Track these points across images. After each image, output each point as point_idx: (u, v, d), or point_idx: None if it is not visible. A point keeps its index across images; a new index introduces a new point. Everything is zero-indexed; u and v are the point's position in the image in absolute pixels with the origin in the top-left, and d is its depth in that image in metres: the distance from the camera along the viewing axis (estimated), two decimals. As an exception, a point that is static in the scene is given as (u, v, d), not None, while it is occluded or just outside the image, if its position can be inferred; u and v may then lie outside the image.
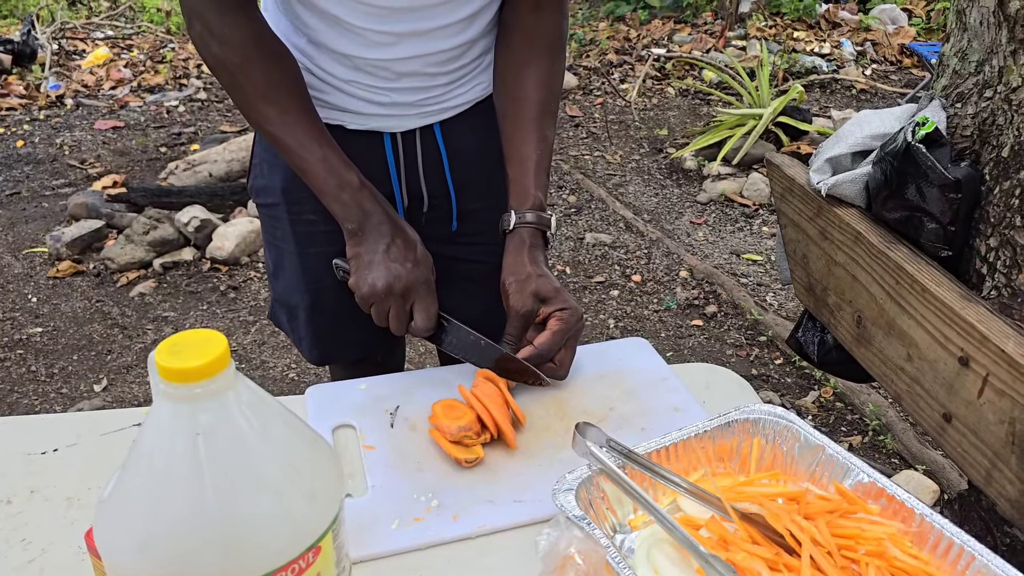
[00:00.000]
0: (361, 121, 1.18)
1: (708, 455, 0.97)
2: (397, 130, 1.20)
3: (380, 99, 1.16)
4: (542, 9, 1.16)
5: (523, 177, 1.16)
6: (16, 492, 0.97)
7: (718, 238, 3.76)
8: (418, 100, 1.18)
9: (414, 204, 1.28)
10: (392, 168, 1.22)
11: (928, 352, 1.00)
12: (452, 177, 1.26)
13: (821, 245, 1.21)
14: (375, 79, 1.15)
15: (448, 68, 1.17)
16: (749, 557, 0.81)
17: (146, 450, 0.60)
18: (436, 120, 1.21)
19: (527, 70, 1.18)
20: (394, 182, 1.23)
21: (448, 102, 1.20)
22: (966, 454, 0.96)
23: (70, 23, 7.40)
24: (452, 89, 1.20)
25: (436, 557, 0.89)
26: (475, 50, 1.19)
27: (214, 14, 1.04)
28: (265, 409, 0.63)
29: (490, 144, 1.23)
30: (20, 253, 3.60)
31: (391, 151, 1.21)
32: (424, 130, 1.21)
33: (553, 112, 1.21)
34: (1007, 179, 0.99)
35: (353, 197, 1.08)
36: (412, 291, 1.10)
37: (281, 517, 0.62)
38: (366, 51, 1.12)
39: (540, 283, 1.11)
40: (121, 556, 0.60)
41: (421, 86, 1.17)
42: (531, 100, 1.18)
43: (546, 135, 1.18)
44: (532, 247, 1.14)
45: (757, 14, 6.60)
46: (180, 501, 0.59)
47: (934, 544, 0.82)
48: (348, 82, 1.15)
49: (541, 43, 1.18)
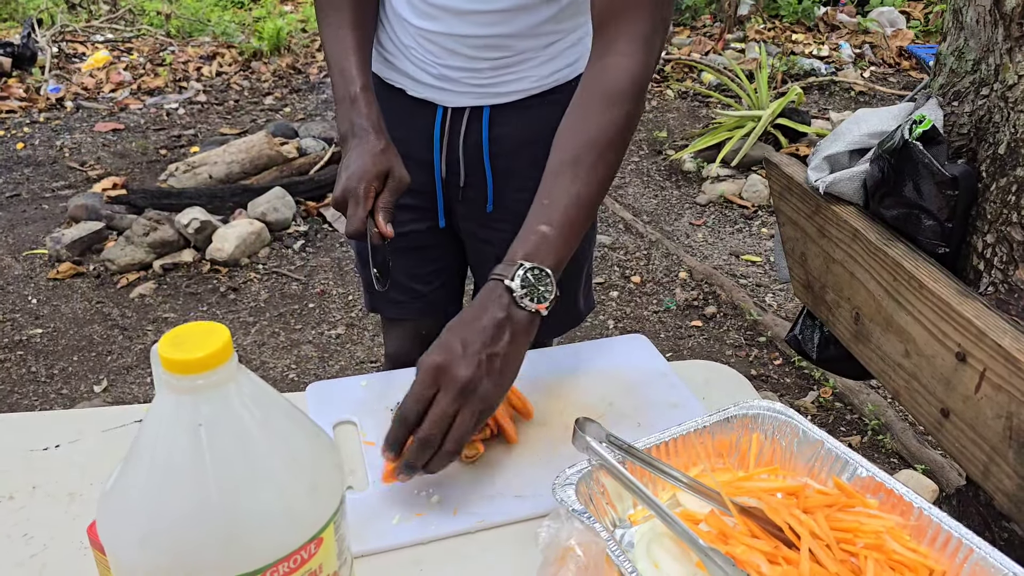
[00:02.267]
0: (417, 89, 1.28)
1: (707, 450, 0.98)
2: (448, 104, 1.27)
3: (431, 70, 1.25)
4: (613, 55, 1.04)
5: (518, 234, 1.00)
6: (18, 488, 0.97)
7: (717, 239, 3.77)
8: (462, 78, 1.24)
9: (451, 177, 1.34)
10: (436, 140, 1.30)
11: (925, 348, 1.01)
12: (490, 162, 1.30)
13: (819, 243, 1.22)
14: (425, 51, 1.23)
15: (489, 55, 1.22)
16: (748, 551, 0.81)
17: (148, 442, 0.61)
18: (486, 103, 1.26)
19: (566, 121, 1.05)
20: (436, 152, 1.31)
21: (495, 87, 1.25)
22: (964, 449, 0.96)
23: (70, 26, 7.41)
24: (498, 76, 1.24)
25: (437, 551, 0.89)
26: (520, 45, 1.22)
27: None
28: (267, 401, 0.63)
29: (533, 140, 1.19)
30: (20, 255, 3.60)
31: (440, 125, 1.29)
32: (474, 111, 1.27)
33: (585, 165, 1.01)
34: (1003, 176, 1.00)
35: (346, 110, 1.17)
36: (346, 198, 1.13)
37: (283, 508, 0.62)
38: (416, 19, 1.22)
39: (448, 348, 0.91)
40: (124, 547, 0.61)
41: (463, 66, 1.23)
42: (559, 148, 1.03)
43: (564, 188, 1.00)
44: (483, 302, 0.94)
45: (756, 17, 6.61)
46: (182, 492, 0.59)
47: (932, 537, 0.82)
48: (407, 47, 1.25)
49: (600, 88, 1.03)
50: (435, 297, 1.49)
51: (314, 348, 2.98)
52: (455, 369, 0.88)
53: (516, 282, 0.93)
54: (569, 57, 1.26)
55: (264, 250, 3.57)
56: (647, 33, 1.04)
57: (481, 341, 0.90)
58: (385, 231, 1.12)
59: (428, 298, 1.49)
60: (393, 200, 1.15)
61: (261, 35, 6.94)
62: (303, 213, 3.83)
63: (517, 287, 0.93)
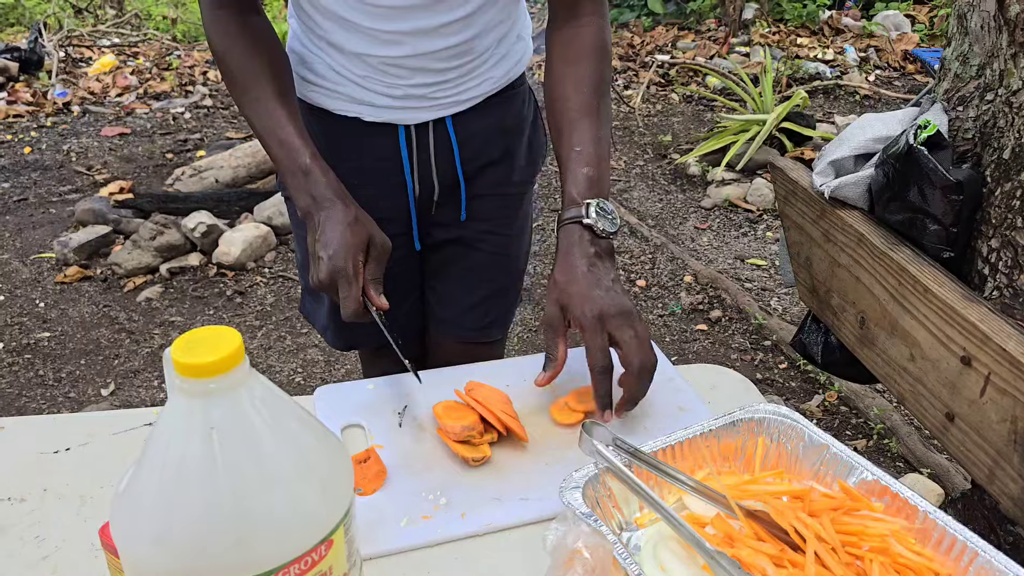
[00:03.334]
0: (376, 113, 1.24)
1: (713, 454, 0.98)
2: (411, 122, 1.25)
3: (393, 92, 1.21)
4: (575, 20, 1.18)
5: (564, 182, 1.14)
6: (30, 490, 0.98)
7: (722, 243, 3.77)
8: (429, 93, 1.22)
9: (425, 192, 1.32)
10: (405, 158, 1.27)
11: (931, 352, 1.01)
12: (462, 167, 1.30)
13: (824, 247, 1.22)
14: (388, 76, 1.20)
15: (455, 63, 1.21)
16: (754, 553, 0.82)
17: (161, 444, 0.61)
18: (448, 113, 1.25)
19: (566, 78, 1.18)
20: (407, 171, 1.28)
21: (459, 96, 1.24)
22: (969, 453, 0.97)
23: (76, 31, 7.44)
24: (462, 83, 1.24)
25: (444, 554, 0.90)
26: (481, 46, 1.23)
27: (205, 8, 1.15)
28: (277, 404, 0.64)
29: (499, 134, 1.27)
30: (28, 258, 3.62)
31: (404, 142, 1.26)
32: (437, 122, 1.26)
33: (594, 111, 1.16)
34: (1008, 181, 1.00)
35: (302, 179, 1.10)
36: (335, 280, 1.08)
37: (294, 510, 0.63)
38: (377, 49, 1.18)
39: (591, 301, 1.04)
40: (137, 548, 0.62)
41: (431, 81, 1.22)
42: (569, 103, 1.16)
43: (589, 130, 1.15)
44: (570, 247, 1.08)
45: (760, 21, 6.62)
46: (195, 494, 0.60)
47: (937, 541, 0.83)
48: (363, 77, 1.20)
49: (581, 50, 1.18)
50: (407, 318, 1.48)
51: (320, 352, 2.99)
52: (609, 309, 1.03)
53: (592, 218, 1.08)
54: (515, 55, 1.31)
55: (270, 254, 3.58)
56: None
57: (600, 277, 1.05)
58: (381, 304, 1.10)
59: (400, 321, 1.44)
60: (381, 270, 1.12)
61: (267, 39, 6.96)
62: (309, 217, 3.84)
63: (594, 221, 1.08)
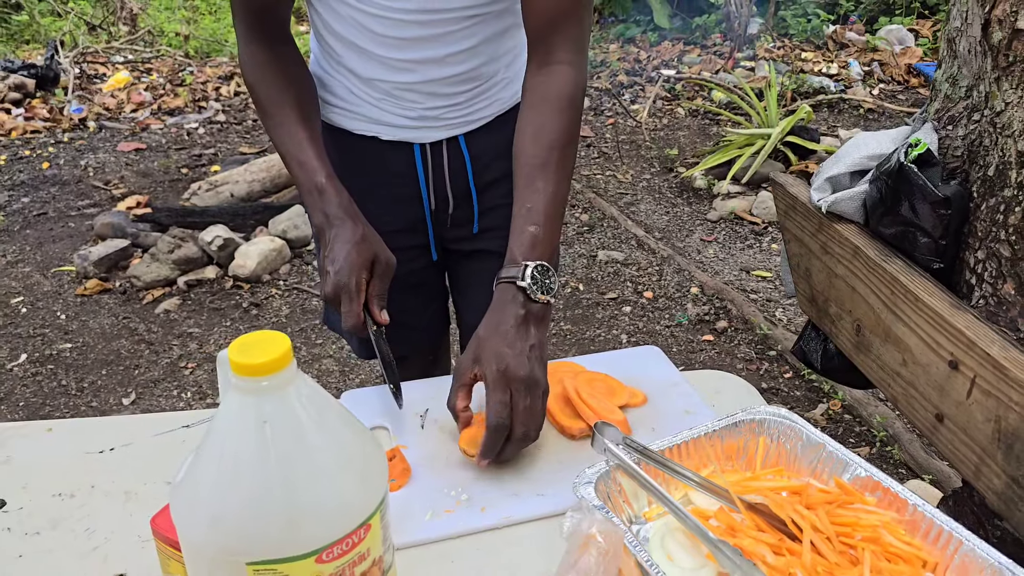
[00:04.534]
0: (393, 133, 1.31)
1: (717, 453, 1.04)
2: (426, 141, 1.32)
3: (408, 114, 1.29)
4: (547, 66, 1.18)
5: (510, 239, 1.13)
6: (78, 487, 1.05)
7: (728, 255, 3.84)
8: (441, 115, 1.30)
9: (440, 206, 1.39)
10: (421, 175, 1.35)
11: (921, 357, 1.07)
12: (475, 181, 1.37)
13: (822, 259, 1.29)
14: (404, 100, 1.28)
15: (464, 88, 1.29)
16: (755, 543, 0.88)
17: (218, 437, 0.68)
18: (461, 132, 1.33)
19: (527, 127, 1.17)
20: (423, 187, 1.36)
21: (470, 116, 1.32)
22: (957, 451, 1.03)
23: (91, 48, 7.56)
24: (472, 104, 1.31)
25: (466, 545, 0.96)
26: (488, 72, 1.30)
27: (241, 43, 1.25)
28: (321, 402, 0.71)
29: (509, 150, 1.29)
30: (48, 272, 3.71)
31: (420, 160, 1.34)
32: (450, 140, 1.33)
33: (550, 165, 1.14)
34: (992, 196, 1.07)
35: (317, 197, 1.19)
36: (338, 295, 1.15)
37: (336, 497, 0.69)
38: (390, 75, 1.26)
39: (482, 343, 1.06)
40: (195, 530, 0.68)
41: (442, 104, 1.29)
42: (522, 157, 1.16)
43: (542, 188, 1.13)
44: (500, 305, 1.08)
45: (765, 35, 6.70)
46: (248, 481, 0.67)
47: (926, 531, 0.89)
48: (379, 100, 1.28)
49: (548, 96, 1.17)
50: (430, 328, 1.56)
51: (335, 362, 3.06)
52: (516, 371, 1.02)
53: (527, 281, 1.07)
54: (518, 76, 1.35)
55: (285, 267, 3.66)
56: (581, 39, 1.18)
57: (519, 339, 1.04)
58: (381, 319, 1.17)
59: (424, 331, 1.55)
60: (385, 287, 1.19)
61: (279, 55, 7.07)
62: (322, 230, 3.92)
63: (528, 285, 1.07)
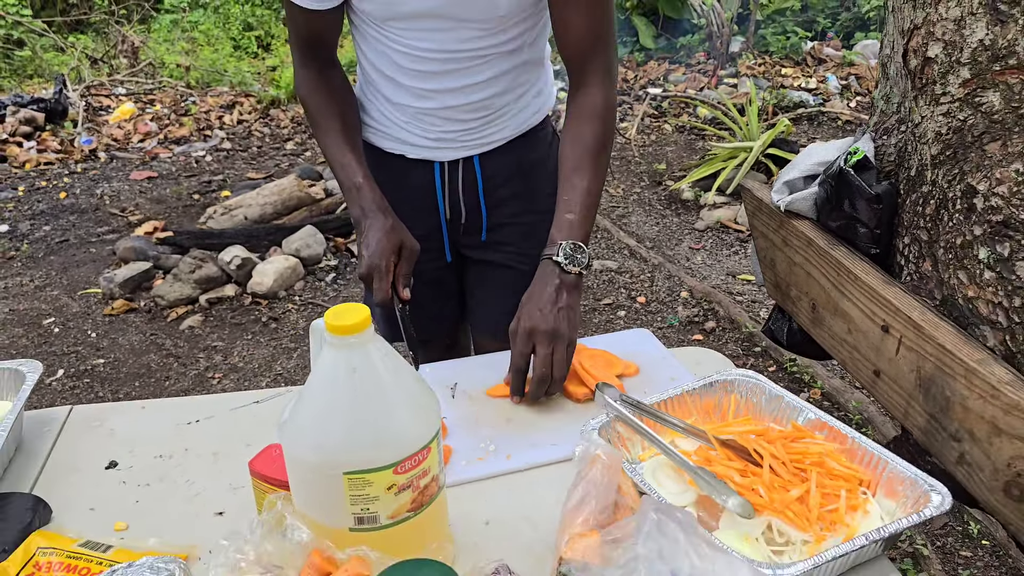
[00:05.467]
0: (416, 152, 1.56)
1: (697, 408, 1.28)
2: (444, 159, 1.57)
3: (429, 136, 1.53)
4: (582, 87, 1.44)
5: (552, 224, 1.40)
6: (174, 450, 1.28)
7: (715, 261, 4.09)
8: (457, 137, 1.54)
9: (454, 216, 1.63)
10: (439, 188, 1.59)
11: (861, 325, 1.31)
12: (485, 198, 1.61)
13: (784, 250, 1.53)
14: (424, 124, 1.52)
15: (478, 115, 1.52)
16: (726, 468, 1.11)
17: (318, 382, 0.92)
18: (476, 152, 1.57)
19: (568, 135, 1.43)
20: (439, 199, 1.60)
21: (483, 139, 1.55)
22: (890, 399, 1.27)
23: (95, 80, 7.82)
24: (484, 129, 1.54)
25: (495, 485, 1.19)
26: (501, 101, 1.53)
27: (296, 66, 1.52)
28: (392, 357, 0.94)
29: (518, 171, 1.56)
30: (76, 294, 3.93)
31: (439, 175, 1.58)
32: (466, 160, 1.57)
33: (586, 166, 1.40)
34: (914, 192, 1.31)
35: (355, 193, 1.45)
36: (371, 274, 1.42)
37: (406, 425, 0.93)
38: (414, 102, 1.50)
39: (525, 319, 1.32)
40: (302, 452, 0.91)
41: (458, 128, 1.53)
42: (563, 160, 1.43)
43: (578, 185, 1.40)
44: (541, 277, 1.36)
45: (747, 53, 6.98)
46: (342, 414, 0.90)
47: (861, 457, 1.12)
48: (405, 123, 1.53)
49: (582, 112, 1.43)
50: (446, 318, 1.81)
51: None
52: (541, 326, 1.30)
53: (561, 256, 1.35)
54: (535, 106, 1.60)
55: (299, 283, 3.90)
56: (609, 67, 1.44)
57: (549, 303, 1.32)
58: (404, 295, 1.44)
59: (441, 320, 1.80)
60: (410, 268, 1.46)
61: (279, 84, 7.33)
62: (332, 248, 4.17)
63: (562, 259, 1.34)
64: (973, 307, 1.19)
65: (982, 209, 1.18)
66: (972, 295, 1.19)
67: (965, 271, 1.20)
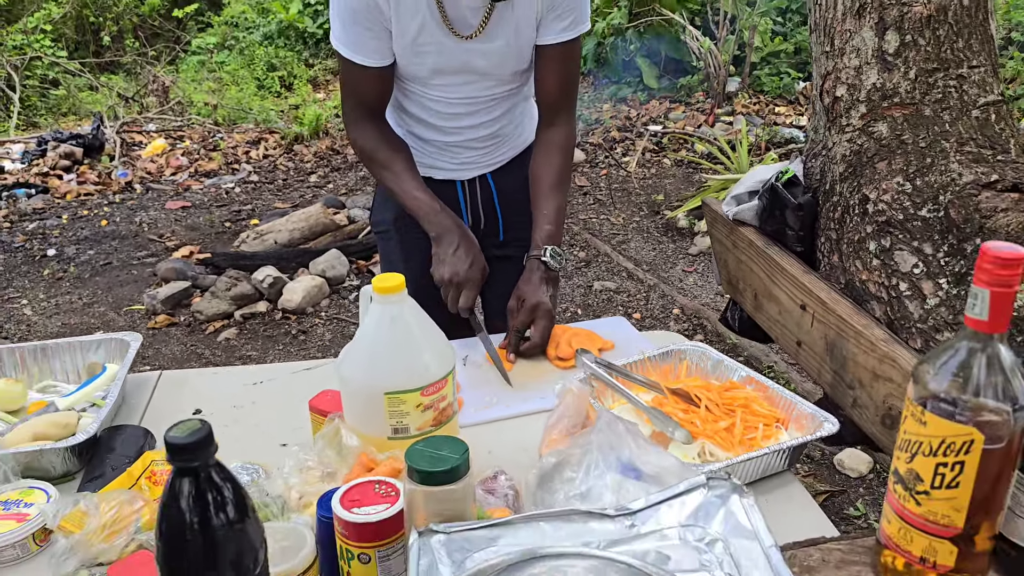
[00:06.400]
0: (442, 174, 1.94)
1: (656, 371, 1.61)
2: (464, 178, 1.95)
3: (453, 161, 1.92)
4: (552, 125, 1.85)
5: (533, 232, 1.81)
6: (244, 403, 1.63)
7: (706, 282, 4.43)
8: (475, 160, 1.93)
9: (475, 222, 2.00)
10: (462, 201, 1.97)
11: (787, 306, 1.66)
12: (499, 205, 1.98)
13: (733, 252, 1.88)
14: (449, 153, 1.90)
15: (491, 142, 1.92)
16: (673, 408, 1.45)
17: (368, 328, 1.27)
18: (488, 170, 1.95)
19: (539, 164, 1.85)
20: (463, 209, 1.97)
21: (494, 160, 1.95)
22: (809, 363, 1.61)
23: (130, 118, 8.29)
24: (495, 152, 1.94)
25: (495, 427, 1.53)
26: (506, 129, 1.93)
27: (352, 124, 1.84)
28: (420, 312, 1.30)
29: (521, 184, 1.91)
30: (121, 310, 4.31)
31: (461, 191, 1.96)
32: (481, 177, 1.96)
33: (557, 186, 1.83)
34: (828, 202, 1.66)
35: (435, 216, 1.78)
36: (464, 284, 1.75)
37: (430, 359, 1.27)
38: (439, 136, 1.88)
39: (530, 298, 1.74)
40: (355, 375, 1.26)
41: (476, 154, 1.92)
42: (541, 181, 1.84)
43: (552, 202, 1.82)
44: (530, 271, 1.78)
45: (742, 93, 7.38)
46: (384, 349, 1.25)
47: (778, 402, 1.46)
48: (432, 153, 1.91)
49: (551, 146, 1.85)
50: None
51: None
52: (543, 305, 1.73)
53: (547, 256, 1.77)
54: (529, 129, 1.98)
55: (325, 300, 4.26)
56: (572, 108, 1.87)
57: (540, 287, 1.75)
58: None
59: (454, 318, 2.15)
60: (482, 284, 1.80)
61: (302, 121, 7.78)
62: (355, 270, 4.54)
63: (548, 259, 1.77)
64: (865, 287, 1.54)
65: (872, 213, 1.53)
66: (864, 278, 1.54)
67: (860, 260, 1.55)
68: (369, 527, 1.01)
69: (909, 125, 1.54)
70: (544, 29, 1.73)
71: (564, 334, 1.77)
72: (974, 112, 1.53)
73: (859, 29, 1.61)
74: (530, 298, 1.74)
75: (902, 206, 1.49)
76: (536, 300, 1.74)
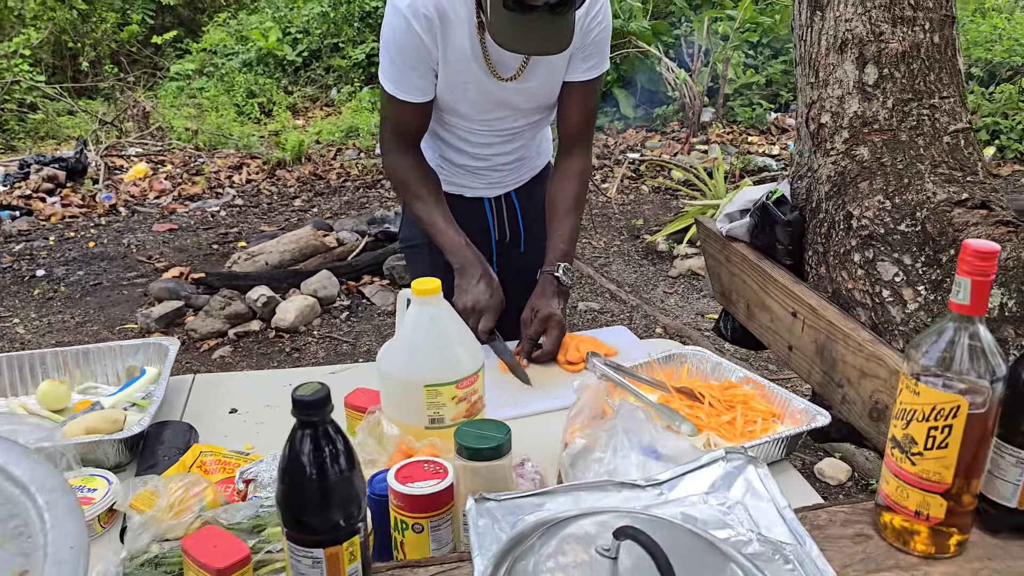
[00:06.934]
0: (472, 192, 2.09)
1: (659, 374, 1.75)
2: (491, 196, 2.10)
3: (480, 182, 2.07)
4: (571, 155, 2.00)
5: (547, 250, 1.98)
6: (279, 402, 1.73)
7: (686, 303, 4.60)
8: (501, 180, 2.09)
9: (501, 236, 2.16)
10: (490, 217, 2.12)
11: (779, 314, 1.81)
12: (522, 220, 2.13)
13: (726, 266, 2.03)
14: (479, 174, 2.06)
15: (514, 165, 2.08)
16: (679, 404, 1.59)
17: (407, 328, 1.39)
18: (512, 189, 2.11)
19: (556, 189, 2.00)
20: (491, 226, 2.12)
21: (517, 180, 2.11)
22: (800, 366, 1.76)
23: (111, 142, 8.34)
24: (517, 172, 2.11)
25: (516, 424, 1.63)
26: (528, 152, 2.10)
27: (389, 153, 1.96)
28: (454, 314, 1.43)
29: (540, 201, 2.06)
30: (115, 329, 4.37)
31: (488, 208, 2.11)
32: (506, 195, 2.11)
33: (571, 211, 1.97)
34: (814, 218, 1.82)
35: (460, 250, 1.90)
36: (484, 311, 1.88)
37: (463, 356, 1.40)
38: (470, 162, 2.04)
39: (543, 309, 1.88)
40: (395, 370, 1.39)
41: (501, 175, 2.08)
42: (557, 205, 2.00)
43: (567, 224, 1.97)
44: (544, 285, 1.93)
45: (716, 123, 7.63)
46: (423, 346, 1.38)
47: (774, 399, 1.60)
48: (464, 175, 2.06)
49: (569, 174, 2.00)
50: None
51: (366, 392, 3.74)
52: (555, 316, 1.87)
53: (560, 273, 1.92)
54: (544, 154, 2.17)
55: (316, 320, 4.36)
56: (589, 139, 2.04)
57: (553, 300, 1.90)
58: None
59: None
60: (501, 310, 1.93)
61: (284, 147, 7.89)
62: (345, 291, 4.65)
63: (561, 275, 1.92)
64: (851, 295, 1.69)
65: (856, 227, 1.69)
66: (850, 287, 1.69)
67: (846, 270, 1.71)
68: (423, 499, 1.13)
69: (888, 149, 1.70)
70: (571, 67, 1.88)
71: (572, 341, 1.91)
72: (945, 138, 1.70)
73: (841, 63, 1.78)
74: (543, 309, 1.88)
75: (883, 221, 1.64)
76: (549, 311, 1.87)
